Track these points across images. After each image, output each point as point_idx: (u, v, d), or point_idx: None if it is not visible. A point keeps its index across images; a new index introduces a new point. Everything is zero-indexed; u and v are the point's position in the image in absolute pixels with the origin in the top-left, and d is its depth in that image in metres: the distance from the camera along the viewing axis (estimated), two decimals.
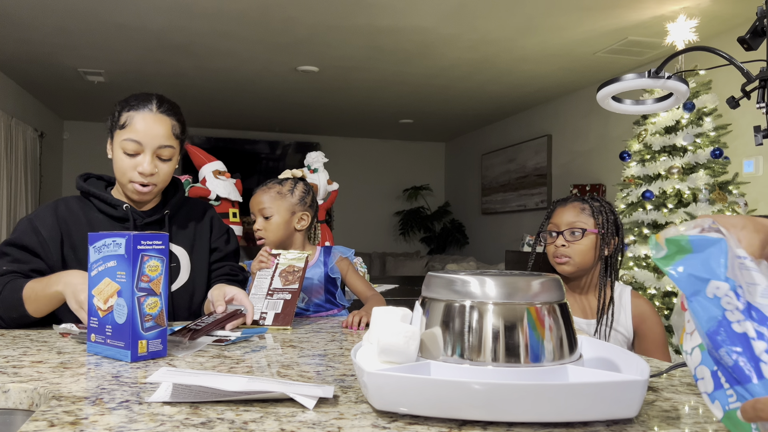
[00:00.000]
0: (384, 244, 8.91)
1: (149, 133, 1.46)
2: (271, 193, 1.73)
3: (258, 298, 1.55)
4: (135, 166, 1.47)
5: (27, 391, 0.87)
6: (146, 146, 1.47)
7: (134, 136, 1.46)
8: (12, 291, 1.38)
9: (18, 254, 1.47)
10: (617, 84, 1.23)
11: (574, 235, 1.71)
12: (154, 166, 1.48)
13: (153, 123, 1.47)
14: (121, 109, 1.50)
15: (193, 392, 0.79)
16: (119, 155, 1.48)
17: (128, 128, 1.46)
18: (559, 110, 6.32)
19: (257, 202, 1.74)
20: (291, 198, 1.73)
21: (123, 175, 1.49)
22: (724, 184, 3.48)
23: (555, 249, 1.74)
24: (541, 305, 0.79)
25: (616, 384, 0.72)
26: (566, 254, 1.72)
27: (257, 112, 7.12)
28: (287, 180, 1.78)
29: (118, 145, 1.48)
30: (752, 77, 1.11)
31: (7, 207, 5.72)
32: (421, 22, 4.17)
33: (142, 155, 1.47)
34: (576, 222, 1.72)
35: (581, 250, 1.71)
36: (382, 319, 0.88)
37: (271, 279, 1.59)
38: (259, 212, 1.73)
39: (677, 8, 3.80)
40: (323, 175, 3.30)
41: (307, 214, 1.76)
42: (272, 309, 1.54)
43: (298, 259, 1.61)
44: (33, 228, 1.49)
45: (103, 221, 1.53)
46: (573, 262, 1.72)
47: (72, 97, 6.45)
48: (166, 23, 4.22)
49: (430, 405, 0.71)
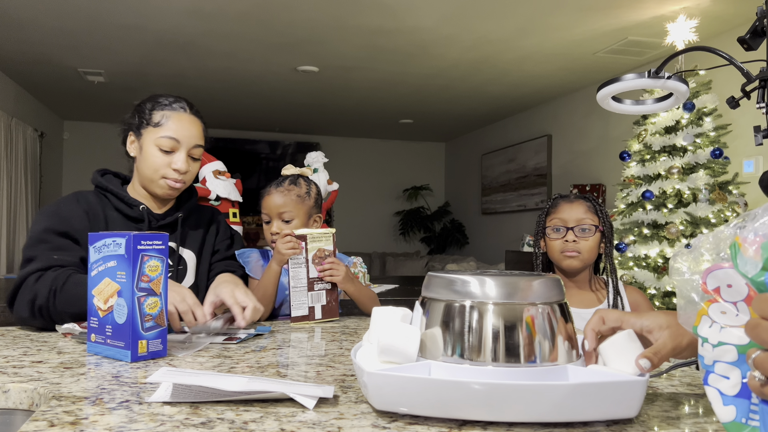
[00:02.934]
0: (384, 244, 8.91)
1: (186, 133, 1.52)
2: (292, 196, 1.68)
3: (300, 292, 1.55)
4: (169, 163, 1.51)
5: (27, 391, 0.87)
6: (183, 144, 1.51)
7: (172, 133, 1.50)
8: (76, 285, 1.32)
9: (59, 241, 1.43)
10: (617, 84, 1.23)
11: (585, 231, 1.78)
12: (188, 165, 1.52)
13: (188, 123, 1.53)
14: (152, 107, 1.53)
15: (193, 392, 0.79)
16: (152, 152, 1.50)
17: (164, 126, 1.50)
18: (559, 110, 6.32)
19: (276, 204, 1.68)
20: (309, 201, 1.71)
21: (155, 171, 1.51)
22: (724, 184, 3.49)
23: (564, 244, 1.79)
24: (541, 305, 0.79)
25: (616, 384, 0.72)
26: (576, 249, 1.78)
27: (257, 112, 7.12)
28: (299, 180, 1.73)
29: (151, 143, 1.51)
30: (752, 77, 1.11)
31: (7, 207, 5.72)
32: (421, 23, 4.17)
33: (178, 153, 1.51)
34: (585, 219, 1.79)
35: (589, 246, 1.78)
36: (382, 319, 0.88)
37: (307, 268, 1.57)
38: (278, 216, 1.67)
39: (677, 8, 3.80)
40: (323, 175, 3.30)
41: (320, 216, 1.75)
42: (318, 302, 1.56)
43: (325, 240, 1.59)
44: (63, 217, 1.46)
45: (117, 219, 1.53)
46: (581, 258, 1.78)
47: (72, 97, 6.44)
48: (166, 23, 4.22)
49: (430, 405, 0.71)
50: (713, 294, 0.62)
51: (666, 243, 3.47)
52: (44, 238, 1.42)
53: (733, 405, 0.60)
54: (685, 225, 3.43)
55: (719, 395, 0.61)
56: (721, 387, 0.61)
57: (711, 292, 0.62)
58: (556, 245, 1.80)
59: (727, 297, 0.61)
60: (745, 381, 0.59)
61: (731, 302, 0.61)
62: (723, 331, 0.61)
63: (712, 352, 0.62)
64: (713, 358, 0.62)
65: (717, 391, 0.61)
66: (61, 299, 1.32)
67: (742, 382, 0.60)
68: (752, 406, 0.59)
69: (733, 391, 0.60)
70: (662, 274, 3.46)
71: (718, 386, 0.62)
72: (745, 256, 0.57)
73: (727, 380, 0.61)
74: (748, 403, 0.59)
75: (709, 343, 0.62)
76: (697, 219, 3.40)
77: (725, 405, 0.61)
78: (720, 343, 0.61)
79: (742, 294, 0.59)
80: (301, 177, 1.75)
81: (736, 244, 0.58)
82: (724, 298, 0.61)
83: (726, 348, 0.61)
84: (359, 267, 1.86)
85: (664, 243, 3.48)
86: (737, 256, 0.58)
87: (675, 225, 3.42)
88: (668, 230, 3.42)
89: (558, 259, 1.80)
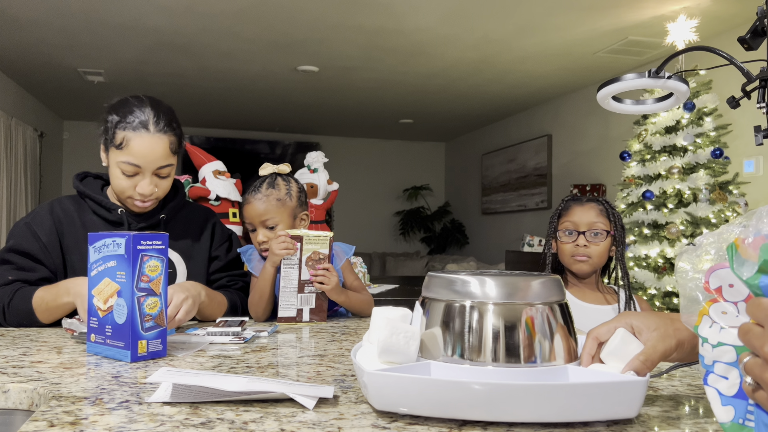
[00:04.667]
0: (384, 244, 8.91)
1: (148, 157, 1.41)
2: (271, 201, 1.61)
3: (290, 293, 1.54)
4: (134, 185, 1.44)
5: (27, 391, 0.87)
6: (145, 169, 1.42)
7: (132, 159, 1.40)
8: (22, 299, 1.38)
9: (21, 261, 1.45)
10: (617, 84, 1.23)
11: (597, 236, 1.78)
12: (153, 186, 1.45)
13: (150, 145, 1.41)
14: (115, 124, 1.42)
15: (193, 392, 0.79)
16: (117, 174, 1.44)
17: (125, 150, 1.40)
18: (559, 110, 6.32)
19: (257, 213, 1.61)
20: (291, 202, 1.64)
21: (122, 192, 1.46)
22: (724, 184, 3.49)
23: (575, 248, 1.79)
24: (541, 305, 0.79)
25: (616, 384, 0.72)
26: (587, 254, 1.78)
27: (257, 112, 7.12)
28: (277, 181, 1.66)
29: (114, 165, 1.43)
30: (752, 77, 1.11)
31: (7, 207, 5.72)
32: (421, 22, 4.17)
33: (141, 175, 1.43)
34: (597, 223, 1.79)
35: (600, 251, 1.78)
36: (382, 319, 0.88)
37: (299, 269, 1.54)
38: (262, 224, 1.61)
39: (677, 8, 3.80)
40: (323, 175, 3.30)
41: (306, 213, 1.69)
42: (306, 304, 1.54)
43: (321, 244, 1.55)
44: (32, 233, 1.47)
45: (97, 224, 1.51)
46: (592, 262, 1.78)
47: (72, 97, 6.44)
48: (166, 23, 4.22)
49: (430, 405, 0.71)
50: (715, 294, 0.61)
51: (666, 243, 3.47)
52: (7, 258, 1.46)
53: (732, 405, 0.60)
54: (686, 225, 3.43)
55: (718, 395, 0.61)
56: (720, 387, 0.61)
57: (713, 291, 0.61)
58: (567, 249, 1.80)
59: (728, 297, 0.61)
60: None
61: (732, 302, 0.60)
62: (723, 331, 0.61)
63: (711, 353, 0.62)
64: (713, 359, 0.62)
65: (716, 391, 0.61)
66: (9, 316, 1.40)
67: (740, 382, 0.59)
68: (749, 407, 0.59)
69: (732, 392, 0.60)
70: (662, 274, 3.46)
71: (717, 386, 0.61)
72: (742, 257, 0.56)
73: (726, 380, 0.61)
74: (746, 404, 0.59)
75: (709, 343, 0.62)
76: (697, 219, 3.40)
77: (724, 405, 0.61)
78: (719, 343, 0.61)
79: (743, 294, 0.59)
80: (279, 177, 1.66)
81: (734, 245, 0.58)
82: (726, 298, 0.61)
83: (725, 348, 0.61)
84: (359, 267, 1.85)
85: (664, 243, 3.48)
86: (734, 257, 0.57)
87: (675, 225, 3.42)
88: (668, 230, 3.42)
89: (568, 263, 1.81)
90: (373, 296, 2.23)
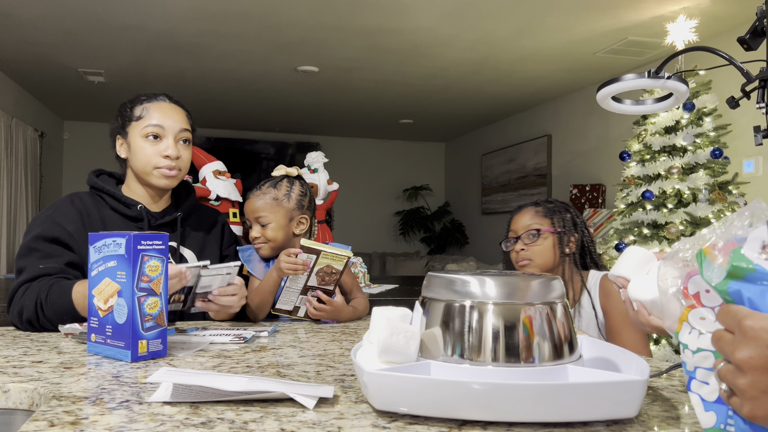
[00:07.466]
0: (384, 244, 8.91)
1: (169, 119, 1.53)
2: (267, 199, 1.62)
3: (293, 292, 1.56)
4: (159, 151, 1.51)
5: (27, 391, 0.87)
6: (168, 130, 1.52)
7: (155, 121, 1.51)
8: (61, 295, 1.34)
9: (48, 248, 1.43)
10: (617, 84, 1.23)
11: (531, 237, 1.78)
12: (177, 150, 1.53)
13: (170, 110, 1.55)
14: (132, 105, 1.55)
15: (193, 392, 0.79)
16: (140, 144, 1.51)
17: (146, 117, 1.52)
18: (559, 110, 6.32)
19: (252, 209, 1.63)
20: (288, 203, 1.63)
21: (147, 163, 1.51)
22: (724, 184, 3.48)
23: (516, 255, 1.81)
24: (541, 305, 0.79)
25: (616, 384, 0.72)
26: (527, 257, 1.79)
27: (257, 112, 7.12)
28: (282, 181, 1.67)
29: (137, 135, 1.52)
30: (752, 77, 1.11)
31: (7, 207, 5.72)
32: (421, 22, 4.17)
33: (165, 140, 1.52)
34: (531, 225, 1.80)
35: (540, 251, 1.78)
36: (382, 319, 0.88)
37: (308, 276, 1.54)
38: (255, 220, 1.62)
39: (677, 8, 3.80)
40: (323, 175, 3.30)
41: (305, 217, 1.67)
42: (305, 304, 1.57)
43: (338, 260, 1.54)
44: (56, 222, 1.46)
45: (116, 219, 1.53)
46: (534, 264, 1.78)
47: (72, 97, 6.44)
48: (165, 23, 4.22)
49: (430, 405, 0.71)
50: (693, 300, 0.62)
51: (666, 243, 3.47)
52: (34, 247, 1.44)
53: (713, 411, 0.60)
54: (685, 225, 3.43)
55: (701, 401, 0.61)
56: (702, 393, 0.61)
57: (691, 297, 0.62)
58: (512, 257, 1.83)
59: (706, 302, 0.61)
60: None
61: (710, 308, 0.61)
62: (701, 337, 0.61)
63: (692, 358, 0.62)
64: (694, 364, 0.62)
65: (698, 396, 0.61)
66: (47, 311, 1.34)
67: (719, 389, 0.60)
68: (730, 412, 0.59)
69: (713, 397, 0.60)
70: None
71: (699, 392, 0.61)
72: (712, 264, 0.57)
73: (707, 386, 0.61)
74: (727, 410, 0.59)
75: (689, 349, 0.62)
76: (697, 219, 3.40)
77: (706, 411, 0.61)
78: (699, 349, 0.61)
79: (719, 299, 0.59)
80: (285, 178, 1.68)
81: (703, 252, 0.59)
82: (704, 303, 0.61)
83: (705, 354, 0.61)
84: (359, 267, 1.85)
85: (664, 243, 3.47)
86: (703, 263, 0.58)
87: (675, 225, 3.42)
88: (668, 230, 3.42)
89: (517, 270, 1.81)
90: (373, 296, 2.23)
